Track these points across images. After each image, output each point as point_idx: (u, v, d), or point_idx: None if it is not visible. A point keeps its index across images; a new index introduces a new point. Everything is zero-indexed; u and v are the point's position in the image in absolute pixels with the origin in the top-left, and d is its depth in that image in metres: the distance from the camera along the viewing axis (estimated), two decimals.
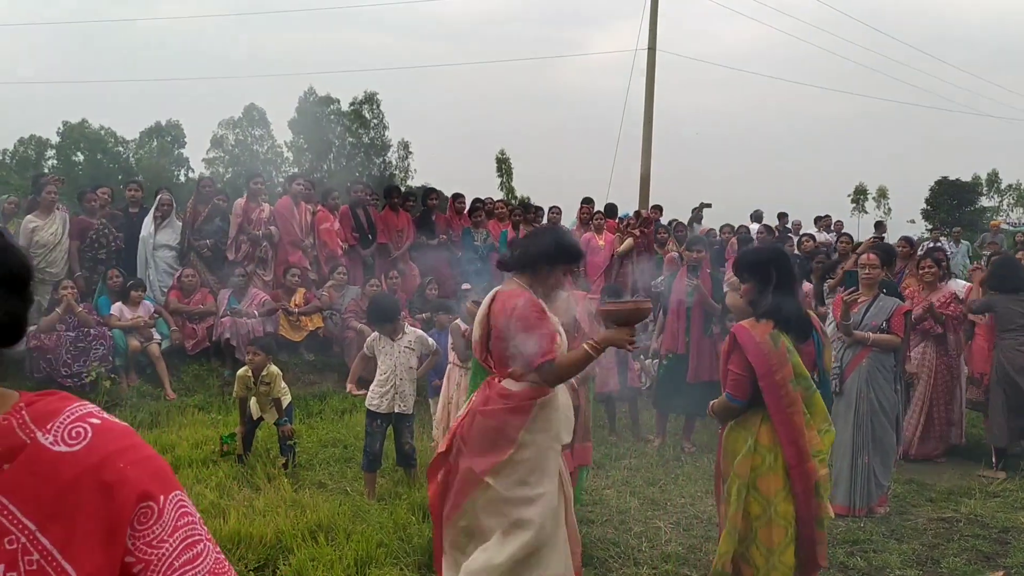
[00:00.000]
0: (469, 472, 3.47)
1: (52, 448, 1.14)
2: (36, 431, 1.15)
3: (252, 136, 58.24)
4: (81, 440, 1.16)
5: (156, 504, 1.16)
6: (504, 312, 3.47)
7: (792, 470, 3.71)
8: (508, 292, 3.56)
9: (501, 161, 56.35)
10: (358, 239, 10.06)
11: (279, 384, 6.29)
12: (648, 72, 22.48)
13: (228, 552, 4.44)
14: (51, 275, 8.54)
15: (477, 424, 3.51)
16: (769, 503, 3.73)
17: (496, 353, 3.57)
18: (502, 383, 3.53)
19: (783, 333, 3.75)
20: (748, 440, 3.78)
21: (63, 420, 1.17)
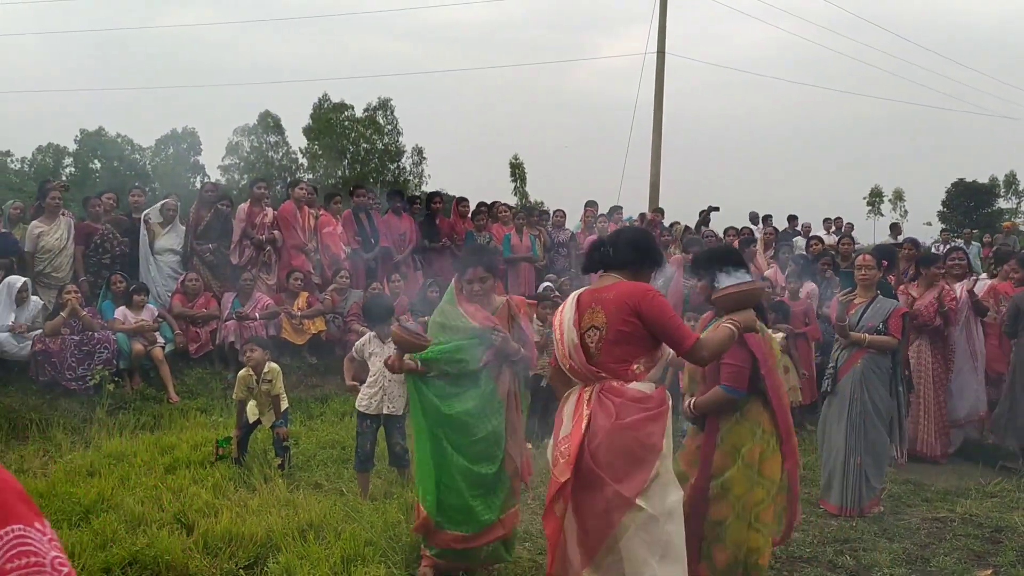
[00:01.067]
0: (618, 498, 3.20)
1: None
2: None
3: (267, 143, 58.49)
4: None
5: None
6: (649, 302, 3.32)
7: (784, 446, 3.90)
8: (629, 285, 3.43)
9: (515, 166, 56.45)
10: (361, 243, 10.12)
11: (279, 381, 6.36)
12: (657, 76, 22.52)
13: (218, 550, 4.49)
14: (56, 279, 8.68)
15: (616, 442, 3.24)
16: (773, 485, 3.87)
17: (616, 352, 3.36)
18: (629, 386, 3.33)
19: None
20: (756, 430, 3.86)
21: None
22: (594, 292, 3.49)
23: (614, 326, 3.34)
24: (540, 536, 5.03)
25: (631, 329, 3.34)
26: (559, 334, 3.50)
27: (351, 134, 57.15)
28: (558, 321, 3.53)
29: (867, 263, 5.92)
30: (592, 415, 3.29)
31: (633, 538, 3.20)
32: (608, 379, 3.35)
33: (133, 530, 4.73)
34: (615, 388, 3.32)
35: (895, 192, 60.84)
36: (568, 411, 3.45)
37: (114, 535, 4.61)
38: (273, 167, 55.13)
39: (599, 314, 3.40)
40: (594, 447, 3.24)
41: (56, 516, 4.91)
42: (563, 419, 3.46)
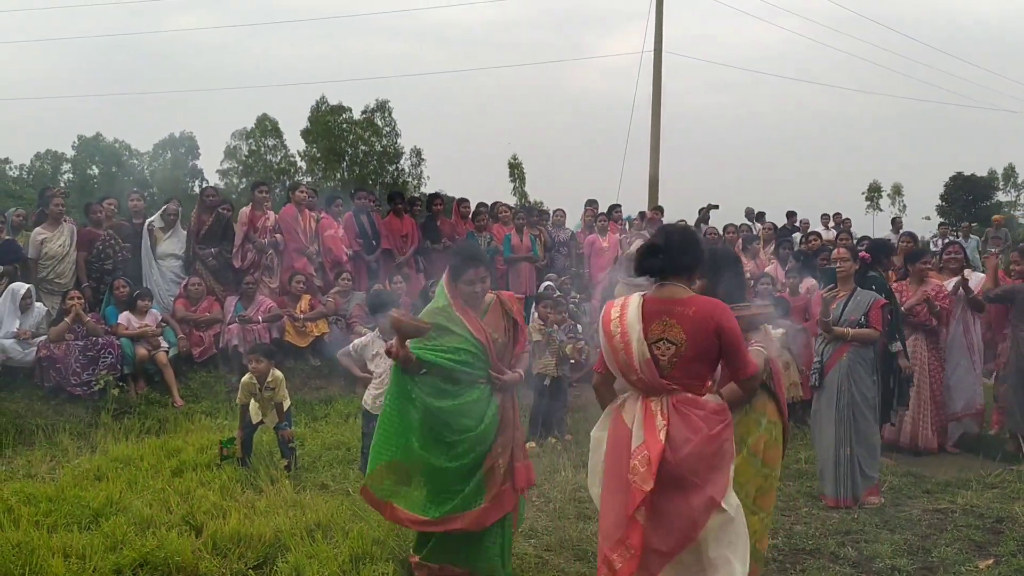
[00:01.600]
0: (709, 502, 3.28)
1: None
2: None
3: (265, 146, 58.52)
4: None
5: None
6: (729, 322, 3.35)
7: (785, 431, 4.15)
8: (708, 301, 3.42)
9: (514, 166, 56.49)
10: (362, 245, 10.18)
11: (283, 389, 6.41)
12: (655, 75, 22.55)
13: (227, 551, 4.54)
14: (59, 286, 8.74)
15: (705, 451, 3.30)
16: (773, 472, 4.05)
17: (694, 368, 3.37)
18: (705, 399, 3.39)
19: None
20: (761, 420, 4.02)
21: None
22: (664, 303, 3.41)
23: (696, 343, 3.34)
24: (545, 533, 5.09)
25: (711, 347, 3.36)
26: (622, 344, 3.38)
27: (349, 136, 57.19)
28: (618, 331, 3.40)
29: (842, 256, 6.04)
30: (671, 426, 3.31)
31: (715, 538, 3.30)
32: (679, 391, 3.37)
33: (142, 532, 4.78)
34: (693, 400, 3.36)
35: (894, 187, 60.90)
36: (633, 421, 3.40)
37: (124, 537, 4.66)
38: (271, 170, 55.13)
39: (674, 328, 3.36)
40: (680, 456, 3.27)
41: (66, 520, 4.96)
42: (628, 429, 3.39)
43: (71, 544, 4.50)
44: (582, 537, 5.00)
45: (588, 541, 4.92)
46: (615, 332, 3.41)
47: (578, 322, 8.97)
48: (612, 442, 3.47)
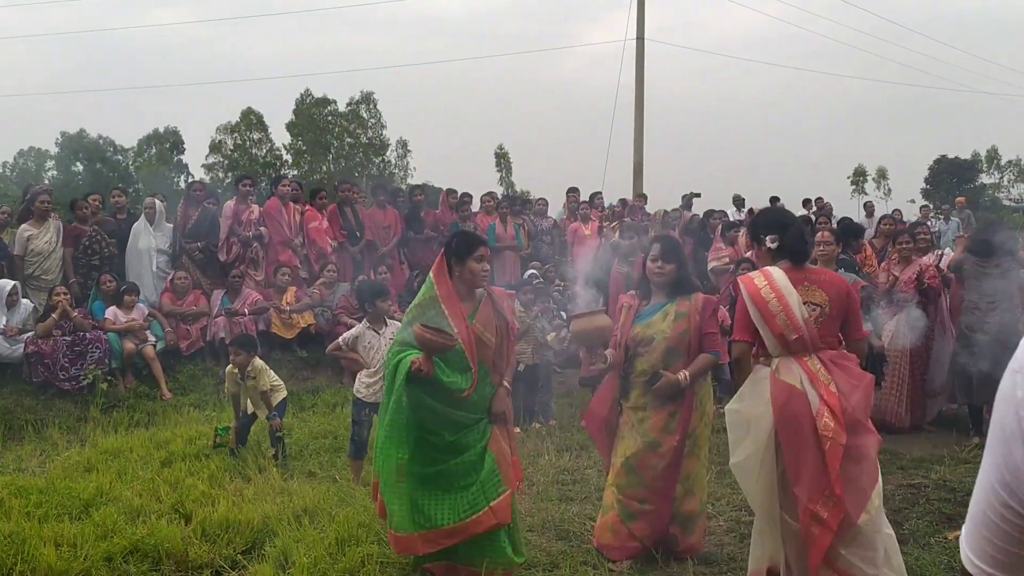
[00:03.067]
0: (877, 439, 3.73)
1: None
2: None
3: (251, 140, 58.30)
4: None
5: None
6: (854, 292, 3.90)
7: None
8: (835, 273, 3.99)
9: (500, 156, 56.52)
10: (346, 236, 10.26)
11: (264, 378, 6.49)
12: (637, 62, 22.63)
13: (216, 537, 4.64)
14: (46, 282, 8.79)
15: (867, 395, 3.69)
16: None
17: (834, 327, 3.79)
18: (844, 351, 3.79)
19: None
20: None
21: None
22: (799, 273, 3.81)
23: (836, 304, 3.76)
24: (528, 514, 5.19)
25: (844, 309, 3.79)
26: (780, 307, 3.67)
27: (335, 129, 57.08)
28: (771, 296, 3.68)
29: (826, 239, 6.15)
30: (836, 380, 3.63)
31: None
32: (826, 348, 3.72)
33: (133, 521, 4.87)
34: (842, 354, 3.74)
35: (878, 171, 61.27)
36: (802, 382, 3.62)
37: (114, 526, 4.75)
38: (257, 164, 54.92)
39: (817, 293, 3.77)
40: (853, 404, 3.58)
41: (57, 510, 5.04)
42: (799, 391, 3.61)
43: (62, 534, 4.59)
44: (564, 518, 5.10)
45: (570, 522, 5.03)
46: (769, 298, 3.69)
47: (563, 309, 9.08)
48: (781, 409, 3.61)
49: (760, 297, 3.71)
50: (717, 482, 5.85)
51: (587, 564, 4.39)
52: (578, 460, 6.50)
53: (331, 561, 4.20)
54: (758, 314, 3.70)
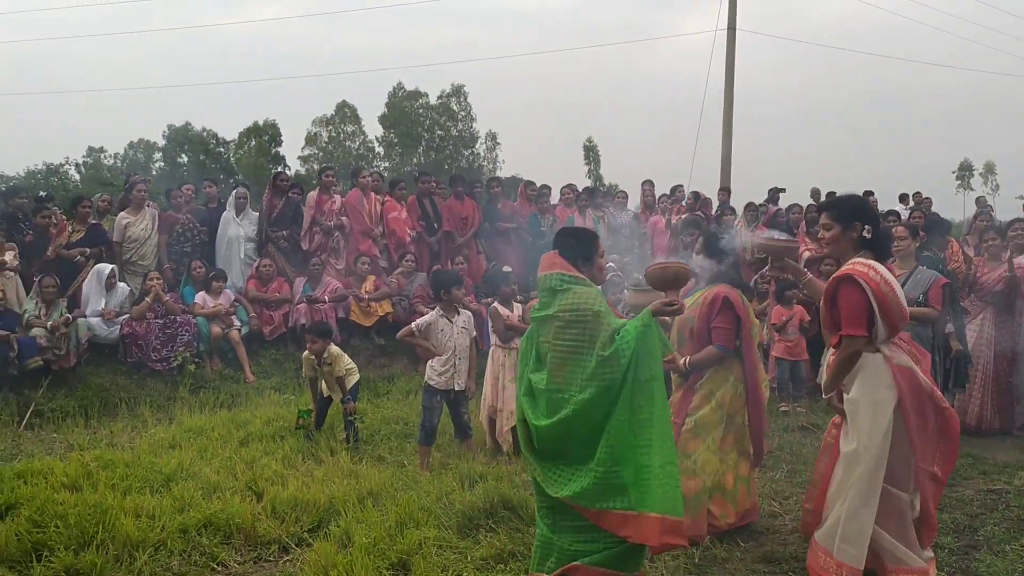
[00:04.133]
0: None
1: None
2: None
3: (344, 132, 59.62)
4: None
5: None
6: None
7: (750, 395, 4.65)
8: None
9: (588, 149, 56.28)
10: (424, 227, 10.43)
11: (339, 363, 6.69)
12: (728, 52, 22.21)
13: (284, 515, 4.82)
14: (142, 267, 9.24)
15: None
16: (731, 419, 4.64)
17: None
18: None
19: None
20: (729, 377, 4.62)
21: None
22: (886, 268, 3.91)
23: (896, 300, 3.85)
24: None
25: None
26: (895, 298, 3.73)
27: (426, 121, 57.83)
28: (887, 289, 3.72)
29: (900, 234, 5.98)
30: (914, 359, 3.90)
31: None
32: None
33: (208, 496, 5.10)
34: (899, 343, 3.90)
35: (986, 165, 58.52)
36: (908, 362, 3.84)
37: (191, 500, 4.98)
38: (350, 156, 56.14)
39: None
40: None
41: (140, 483, 5.32)
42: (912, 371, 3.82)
43: (142, 505, 4.84)
44: None
45: None
46: (886, 291, 3.72)
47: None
48: (908, 390, 3.77)
49: (882, 290, 3.71)
50: (787, 481, 5.76)
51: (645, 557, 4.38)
52: None
53: (390, 542, 4.30)
54: (882, 305, 3.70)
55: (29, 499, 4.83)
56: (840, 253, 3.96)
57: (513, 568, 4.08)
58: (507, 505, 4.78)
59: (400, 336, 6.54)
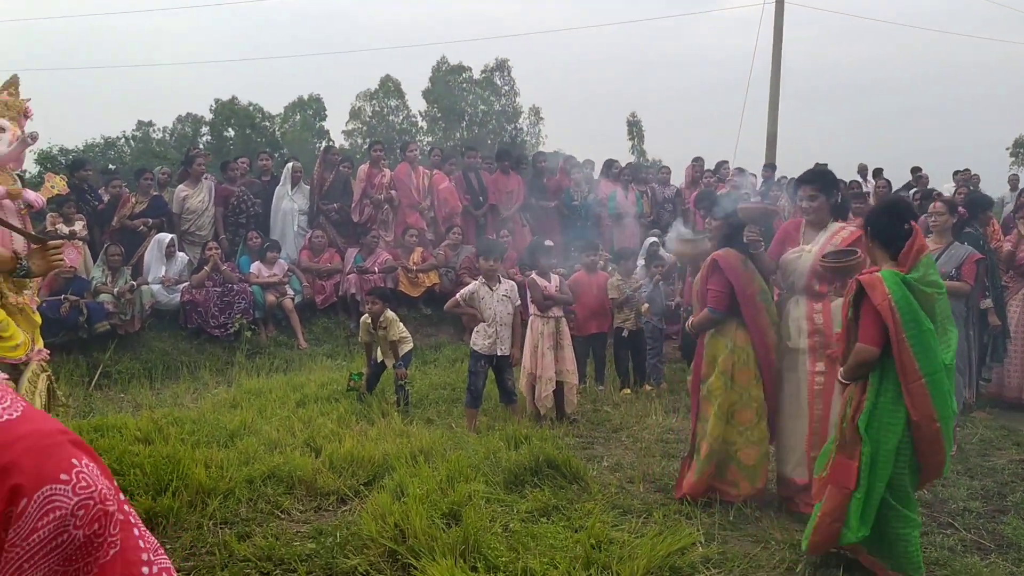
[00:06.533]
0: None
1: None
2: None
3: (388, 107, 59.93)
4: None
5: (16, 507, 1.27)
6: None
7: (761, 360, 4.64)
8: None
9: (632, 124, 55.92)
10: (470, 201, 10.69)
11: (394, 328, 7.00)
12: (776, 26, 22.00)
13: (342, 469, 5.13)
14: (200, 237, 9.64)
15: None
16: (745, 390, 4.65)
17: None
18: None
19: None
20: (728, 344, 4.67)
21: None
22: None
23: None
24: (630, 467, 5.46)
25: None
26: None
27: (469, 96, 57.89)
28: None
29: (938, 210, 6.09)
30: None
31: None
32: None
33: (270, 451, 5.43)
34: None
35: None
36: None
37: (255, 454, 5.31)
38: (393, 130, 56.46)
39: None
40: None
41: (207, 438, 5.67)
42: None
43: (211, 457, 5.17)
44: (664, 473, 5.32)
45: (670, 476, 5.24)
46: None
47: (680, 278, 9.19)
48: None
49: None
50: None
51: (680, 514, 4.62)
52: (684, 422, 6.69)
53: (441, 495, 4.58)
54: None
55: (108, 450, 5.19)
56: (821, 219, 4.57)
57: (556, 520, 4.34)
58: (551, 464, 5.03)
59: (447, 307, 6.82)
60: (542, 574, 3.60)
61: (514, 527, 4.19)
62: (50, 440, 1.31)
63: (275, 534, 4.14)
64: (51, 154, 22.27)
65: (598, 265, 8.16)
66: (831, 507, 3.68)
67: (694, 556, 3.92)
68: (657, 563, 3.71)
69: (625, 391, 7.89)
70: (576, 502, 4.62)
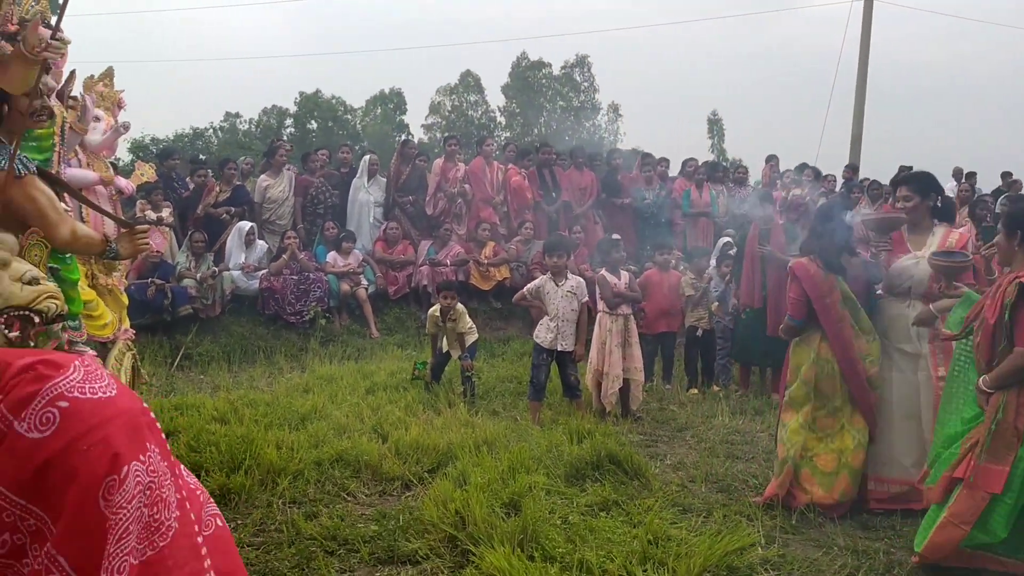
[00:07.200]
0: None
1: (27, 435, 1.33)
2: (13, 420, 1.33)
3: (467, 102, 60.34)
4: (50, 426, 1.34)
5: (118, 475, 1.38)
6: None
7: (846, 371, 4.57)
8: None
9: (713, 122, 55.10)
10: (543, 196, 10.74)
11: (462, 320, 7.11)
12: (864, 24, 21.45)
13: (407, 456, 5.25)
14: (279, 227, 9.94)
15: None
16: (829, 401, 4.65)
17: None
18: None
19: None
20: (811, 353, 4.65)
21: (36, 406, 1.34)
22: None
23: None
24: (693, 467, 5.43)
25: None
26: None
27: (548, 92, 57.87)
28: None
29: None
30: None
31: None
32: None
33: (339, 435, 5.59)
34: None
35: None
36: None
37: (324, 437, 5.47)
38: (472, 125, 56.81)
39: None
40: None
41: (279, 421, 5.86)
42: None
43: (283, 439, 5.36)
44: (728, 474, 5.28)
45: (733, 477, 5.21)
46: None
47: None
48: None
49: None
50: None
51: (741, 515, 4.58)
52: (751, 423, 6.63)
53: (502, 485, 4.65)
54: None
55: (186, 428, 5.42)
56: (917, 221, 4.65)
57: (615, 515, 4.36)
58: (613, 459, 5.05)
59: (515, 299, 6.91)
60: (598, 566, 3.62)
61: (573, 520, 4.23)
62: (138, 420, 1.42)
63: (340, 515, 4.27)
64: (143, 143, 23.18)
65: (670, 264, 8.14)
66: (962, 509, 3.62)
67: (753, 557, 3.90)
68: (714, 562, 3.70)
69: (692, 391, 7.84)
70: (636, 498, 4.63)
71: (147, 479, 1.42)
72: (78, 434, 1.32)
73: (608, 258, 7.25)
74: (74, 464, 1.31)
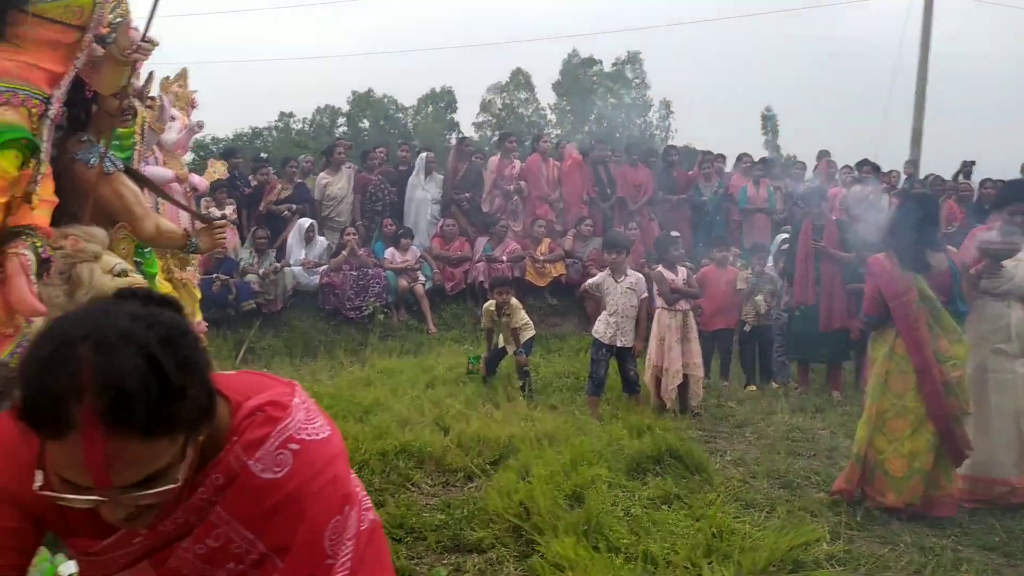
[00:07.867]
0: None
1: (261, 475, 1.37)
2: (247, 461, 1.37)
3: (518, 100, 60.36)
4: (284, 467, 1.37)
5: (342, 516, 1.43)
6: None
7: (919, 374, 4.41)
8: None
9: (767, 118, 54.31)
10: (599, 193, 10.75)
11: (518, 315, 7.18)
12: (925, 17, 20.97)
13: (469, 448, 5.33)
14: (338, 223, 10.12)
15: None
16: (899, 399, 4.50)
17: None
18: None
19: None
20: (885, 348, 4.59)
21: (268, 447, 1.38)
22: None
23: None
24: (755, 463, 5.42)
25: None
26: None
27: (599, 89, 57.66)
28: None
29: None
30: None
31: None
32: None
33: (402, 428, 5.69)
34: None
35: None
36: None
37: (387, 430, 5.57)
38: (523, 123, 56.80)
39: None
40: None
41: (343, 413, 5.98)
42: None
43: (347, 431, 5.45)
44: (790, 470, 5.25)
45: (795, 473, 5.18)
46: None
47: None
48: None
49: None
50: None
51: (805, 511, 4.57)
52: (812, 421, 6.59)
53: (564, 477, 4.70)
54: None
55: None
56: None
57: (677, 508, 4.38)
58: (674, 454, 5.06)
59: (579, 292, 6.98)
60: (663, 558, 3.66)
61: (635, 512, 4.25)
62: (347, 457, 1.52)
63: (406, 504, 4.35)
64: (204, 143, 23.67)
65: (727, 261, 8.11)
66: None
67: (818, 552, 3.89)
68: (780, 556, 3.71)
69: (751, 388, 7.80)
70: (697, 492, 4.64)
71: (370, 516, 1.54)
72: (311, 475, 1.41)
73: (666, 254, 7.25)
74: (304, 505, 1.39)
